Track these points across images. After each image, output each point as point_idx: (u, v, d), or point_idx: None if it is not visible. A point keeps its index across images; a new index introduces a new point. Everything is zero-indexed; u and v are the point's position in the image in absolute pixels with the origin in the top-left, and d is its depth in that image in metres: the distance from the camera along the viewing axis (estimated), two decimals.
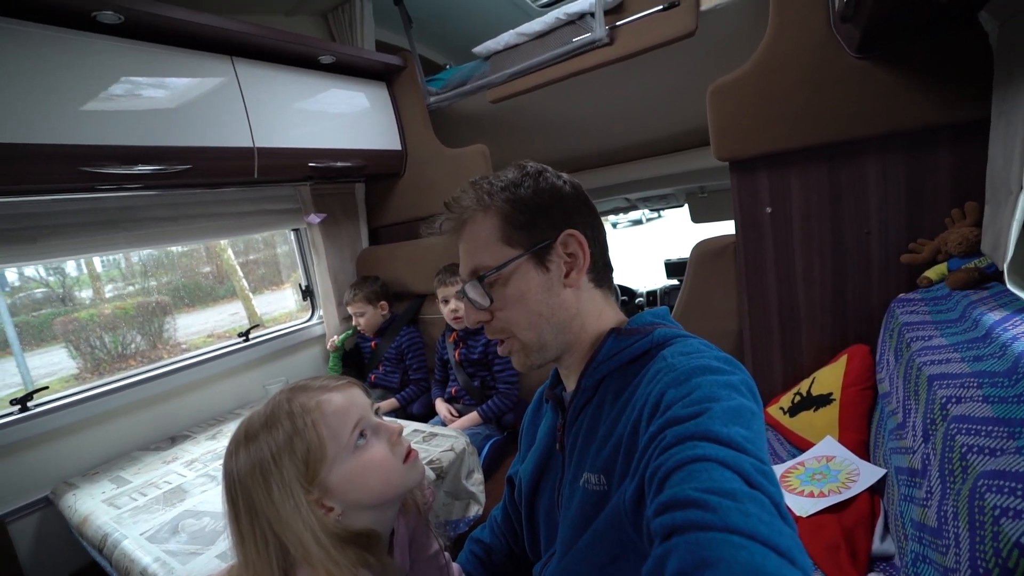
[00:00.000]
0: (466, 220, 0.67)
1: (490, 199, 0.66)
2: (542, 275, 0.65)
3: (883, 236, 1.35)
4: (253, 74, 1.69)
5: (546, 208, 0.66)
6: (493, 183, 0.67)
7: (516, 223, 0.65)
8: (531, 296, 0.65)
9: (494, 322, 0.67)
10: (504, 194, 0.66)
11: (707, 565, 0.35)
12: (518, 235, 0.65)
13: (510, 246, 0.65)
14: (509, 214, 0.65)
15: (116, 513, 1.23)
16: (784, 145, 1.40)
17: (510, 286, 0.65)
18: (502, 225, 0.65)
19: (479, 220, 0.66)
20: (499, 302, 0.65)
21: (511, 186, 0.66)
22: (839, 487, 1.10)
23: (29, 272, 4.76)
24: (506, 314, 0.66)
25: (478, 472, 1.35)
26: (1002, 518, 0.55)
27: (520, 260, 0.65)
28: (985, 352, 0.84)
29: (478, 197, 0.67)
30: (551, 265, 0.65)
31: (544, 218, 0.66)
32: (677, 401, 0.51)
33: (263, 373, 2.06)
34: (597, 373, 0.65)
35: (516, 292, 0.65)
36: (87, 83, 1.29)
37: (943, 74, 1.19)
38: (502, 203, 0.65)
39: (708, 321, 1.69)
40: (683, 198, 2.95)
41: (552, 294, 0.65)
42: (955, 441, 0.71)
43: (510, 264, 0.64)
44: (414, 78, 2.15)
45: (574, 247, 0.66)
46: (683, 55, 1.66)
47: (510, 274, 0.65)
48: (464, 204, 0.67)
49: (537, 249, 0.65)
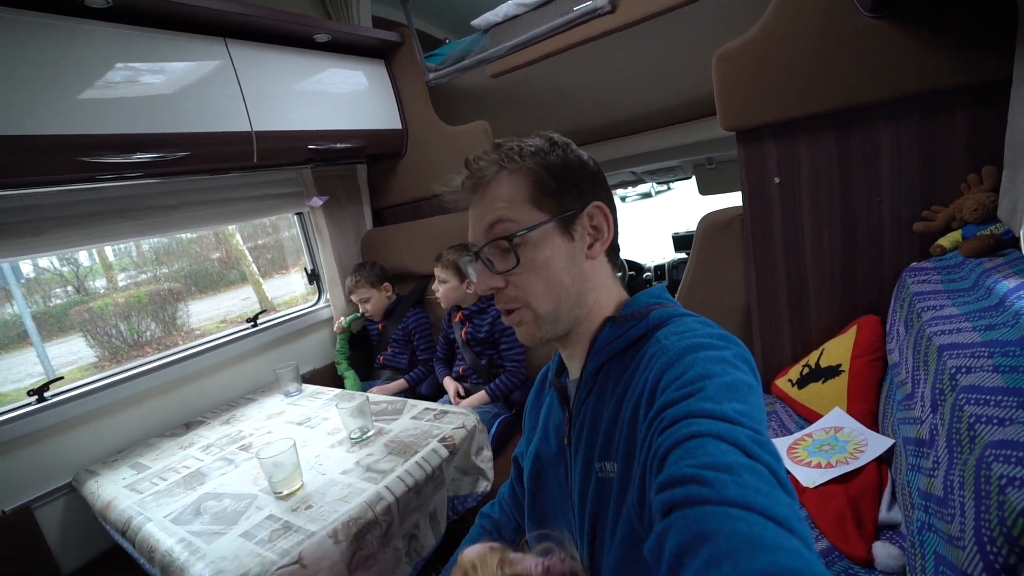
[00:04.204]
0: (489, 180, 0.65)
1: (521, 160, 0.64)
2: (568, 244, 0.64)
3: (895, 204, 1.32)
4: (248, 56, 1.66)
5: (575, 178, 0.65)
6: (522, 147, 0.65)
7: (547, 187, 0.63)
8: (555, 264, 0.63)
9: (508, 289, 0.64)
10: (535, 158, 0.64)
11: (706, 539, 0.35)
12: (548, 200, 0.63)
13: (539, 210, 0.63)
14: (540, 177, 0.63)
15: (139, 498, 1.27)
16: (792, 113, 1.36)
17: (537, 250, 0.63)
18: (531, 187, 0.63)
19: (504, 181, 0.64)
20: (523, 265, 0.63)
21: (541, 151, 0.65)
22: (847, 458, 1.10)
23: (43, 263, 4.83)
24: (526, 281, 0.63)
25: (487, 449, 1.37)
26: (1008, 487, 0.54)
27: (548, 225, 0.63)
28: (998, 321, 0.82)
29: (506, 158, 0.64)
30: (576, 235, 0.64)
31: (573, 187, 0.65)
32: (671, 383, 0.51)
33: (273, 357, 2.08)
34: (596, 361, 0.64)
35: (541, 258, 0.62)
36: (79, 71, 1.28)
37: (962, 33, 1.13)
38: (534, 165, 0.64)
39: (715, 295, 1.67)
40: (690, 170, 2.90)
41: (574, 264, 0.64)
42: (963, 411, 0.70)
43: (540, 227, 0.62)
44: (412, 54, 2.10)
45: (599, 220, 0.65)
46: (688, 22, 1.61)
47: (537, 239, 0.62)
48: (487, 164, 0.65)
49: (565, 216, 0.63)
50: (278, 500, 1.11)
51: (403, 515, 1.10)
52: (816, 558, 0.34)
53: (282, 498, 1.12)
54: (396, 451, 1.23)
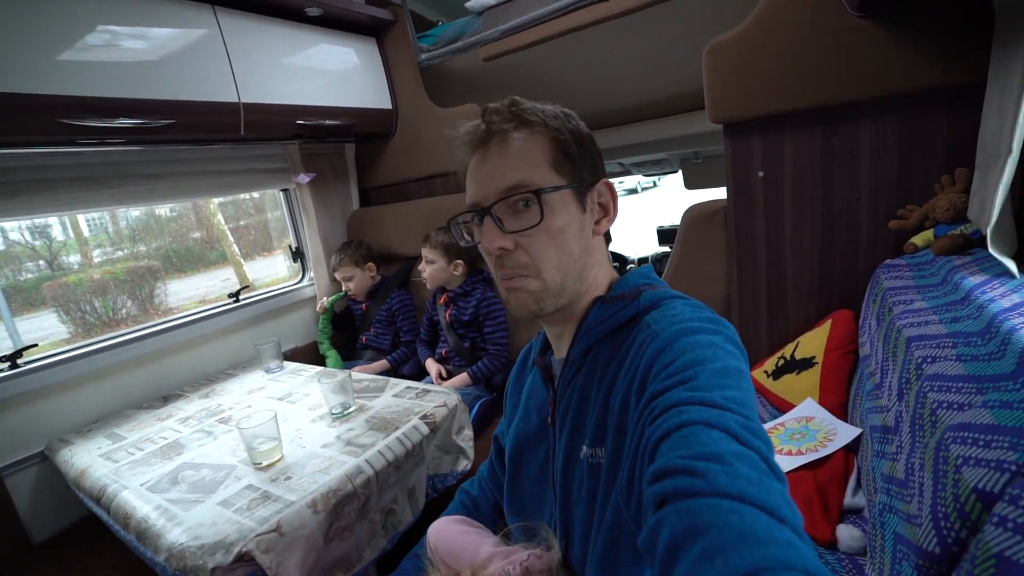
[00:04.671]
0: (507, 133, 0.61)
1: (543, 120, 0.61)
2: (580, 214, 0.63)
3: (873, 202, 1.35)
4: (237, 25, 1.62)
5: (589, 151, 0.64)
6: (542, 108, 0.63)
7: (568, 152, 0.61)
8: (569, 232, 0.61)
9: (517, 253, 0.61)
10: (557, 121, 0.62)
11: (698, 532, 0.35)
12: (567, 166, 0.61)
13: (558, 174, 0.61)
14: (563, 141, 0.61)
15: (114, 466, 1.25)
16: (779, 107, 1.38)
17: (556, 214, 0.60)
18: (553, 149, 0.61)
19: (524, 137, 0.61)
20: (541, 227, 0.59)
21: (561, 117, 0.63)
22: (816, 446, 1.14)
23: (14, 236, 4.67)
24: (539, 245, 0.60)
25: (468, 429, 1.38)
26: (963, 467, 0.57)
27: (568, 191, 0.61)
28: (962, 314, 0.85)
29: (527, 113, 0.61)
30: (587, 208, 0.64)
31: (589, 159, 0.64)
32: (662, 370, 0.50)
33: (254, 334, 2.06)
34: (584, 342, 0.64)
35: (558, 223, 0.60)
36: (62, 30, 1.24)
37: (944, 35, 1.16)
38: (556, 129, 0.61)
39: (697, 286, 1.70)
40: (677, 163, 2.93)
41: (584, 236, 0.63)
42: (927, 398, 0.73)
43: (562, 190, 0.60)
44: (405, 34, 2.07)
45: (606, 198, 0.65)
46: (680, 14, 1.62)
47: (557, 202, 0.60)
48: (505, 116, 0.61)
49: (581, 186, 0.62)
50: (257, 471, 1.12)
51: (382, 489, 1.11)
52: (807, 546, 0.34)
53: (261, 469, 1.12)
54: (377, 427, 1.24)
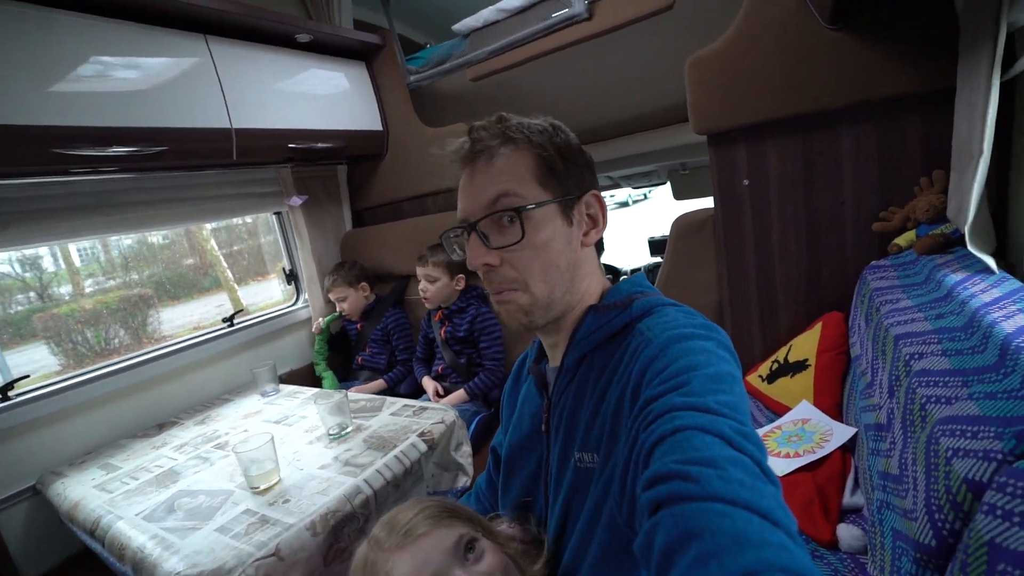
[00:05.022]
0: (493, 150, 0.63)
1: (528, 136, 0.62)
2: (567, 228, 0.63)
3: (856, 205, 1.38)
4: (228, 53, 1.65)
5: (578, 163, 0.65)
6: (530, 124, 0.64)
7: (553, 167, 0.62)
8: (554, 246, 0.62)
9: (503, 269, 0.62)
10: (542, 136, 0.63)
11: (692, 536, 0.35)
12: (552, 180, 0.62)
13: (543, 189, 0.62)
14: (548, 156, 0.62)
15: (108, 497, 1.23)
16: (761, 116, 1.42)
17: (539, 230, 0.61)
18: (538, 164, 0.62)
19: (509, 154, 0.62)
20: (525, 242, 0.61)
21: (547, 131, 0.64)
22: (813, 447, 1.15)
23: (4, 268, 4.65)
24: (524, 259, 0.61)
25: (466, 444, 1.38)
26: (953, 458, 0.58)
27: (552, 205, 0.62)
28: (946, 310, 0.87)
29: (517, 129, 0.62)
30: (574, 220, 0.64)
31: (575, 172, 0.64)
32: (656, 376, 0.51)
33: (249, 358, 2.05)
34: (577, 351, 0.64)
35: (543, 237, 0.61)
36: (57, 62, 1.26)
37: (913, 44, 1.21)
38: (541, 144, 0.63)
39: (688, 294, 1.72)
40: (665, 175, 2.97)
41: (571, 249, 0.64)
42: (916, 393, 0.74)
43: (546, 205, 0.61)
44: (394, 57, 2.12)
45: (595, 209, 0.66)
46: (662, 30, 1.67)
47: (540, 217, 0.61)
48: (491, 133, 0.63)
49: (567, 199, 0.63)
50: (255, 495, 1.10)
51: (381, 508, 1.10)
52: (801, 549, 0.35)
53: (259, 493, 1.11)
54: (375, 446, 1.24)
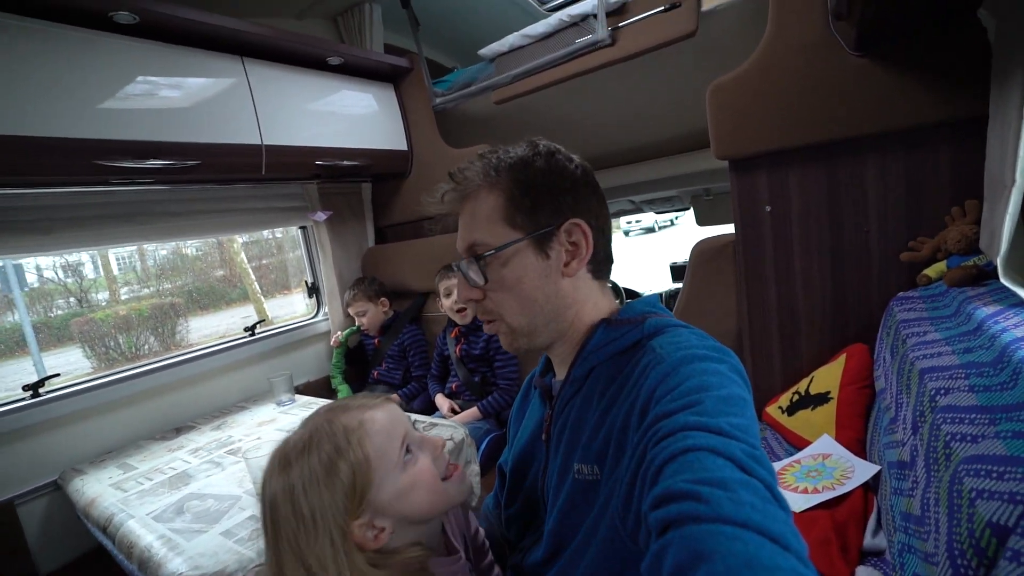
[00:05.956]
0: (469, 193, 0.65)
1: (497, 175, 0.64)
2: (541, 262, 0.63)
3: (883, 234, 1.35)
4: (263, 74, 1.73)
5: (554, 192, 0.64)
6: (502, 158, 0.65)
7: (521, 205, 0.63)
8: (527, 282, 0.63)
9: (485, 302, 0.66)
10: (512, 172, 0.64)
11: (702, 559, 0.35)
12: (521, 218, 0.63)
13: (512, 228, 0.63)
14: (515, 195, 0.63)
15: (122, 496, 1.27)
16: (783, 143, 1.40)
17: (507, 269, 0.63)
18: (506, 205, 0.63)
19: (482, 196, 0.64)
20: (494, 283, 0.64)
21: (520, 164, 0.64)
22: (833, 484, 1.10)
23: (48, 274, 4.90)
24: (499, 297, 0.64)
25: (475, 463, 1.36)
26: (977, 500, 0.55)
27: (520, 244, 0.63)
28: (975, 344, 0.83)
29: (485, 171, 0.64)
30: (551, 252, 0.64)
31: (551, 202, 0.63)
32: (667, 394, 0.50)
33: (268, 367, 2.09)
34: (586, 364, 0.64)
35: (513, 276, 0.63)
36: (104, 80, 1.34)
37: (942, 71, 1.19)
38: (509, 181, 0.63)
39: (708, 320, 1.68)
40: (688, 200, 2.95)
41: (549, 282, 0.64)
42: (940, 430, 0.71)
43: (509, 247, 0.62)
44: (421, 80, 2.18)
45: (577, 236, 0.64)
46: (685, 56, 1.68)
47: (509, 257, 0.63)
48: (469, 176, 0.65)
49: (539, 234, 0.63)
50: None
51: None
52: (812, 574, 0.34)
53: None
54: None
